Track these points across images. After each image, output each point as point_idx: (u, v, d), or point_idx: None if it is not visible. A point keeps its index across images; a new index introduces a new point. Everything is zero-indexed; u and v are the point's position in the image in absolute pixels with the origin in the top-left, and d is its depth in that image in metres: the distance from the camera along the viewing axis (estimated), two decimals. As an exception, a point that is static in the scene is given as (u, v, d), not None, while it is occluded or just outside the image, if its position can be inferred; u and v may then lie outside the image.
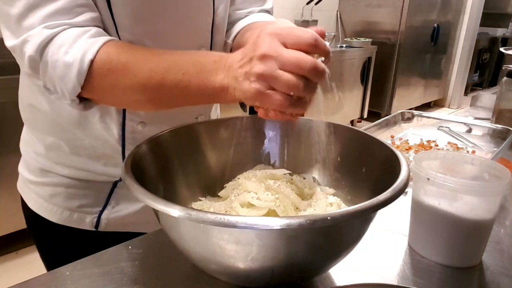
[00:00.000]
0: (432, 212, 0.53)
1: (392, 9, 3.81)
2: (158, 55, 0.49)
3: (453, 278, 0.52)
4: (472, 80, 5.24)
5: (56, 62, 0.47)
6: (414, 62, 4.12)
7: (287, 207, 0.48)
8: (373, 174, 0.53)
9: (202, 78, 0.45)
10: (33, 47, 0.47)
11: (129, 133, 0.63)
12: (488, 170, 0.55)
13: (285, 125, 0.63)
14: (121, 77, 0.48)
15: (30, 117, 0.69)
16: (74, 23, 0.48)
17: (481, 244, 0.55)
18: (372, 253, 0.57)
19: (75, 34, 0.48)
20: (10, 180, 1.76)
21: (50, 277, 0.49)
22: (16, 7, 0.47)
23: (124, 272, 0.51)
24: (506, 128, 1.01)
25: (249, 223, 0.33)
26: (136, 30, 0.56)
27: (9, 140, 1.72)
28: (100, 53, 0.47)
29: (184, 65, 0.46)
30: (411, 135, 1.13)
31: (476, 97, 1.53)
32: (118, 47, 0.49)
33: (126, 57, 0.48)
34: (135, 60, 0.48)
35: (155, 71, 0.47)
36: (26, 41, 0.47)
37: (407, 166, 0.45)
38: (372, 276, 0.52)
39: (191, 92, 0.46)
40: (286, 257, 0.38)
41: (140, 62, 0.48)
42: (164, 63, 0.47)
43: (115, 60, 0.47)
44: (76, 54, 0.47)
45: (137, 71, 0.47)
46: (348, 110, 3.59)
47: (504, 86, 1.08)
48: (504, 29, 5.59)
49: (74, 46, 0.47)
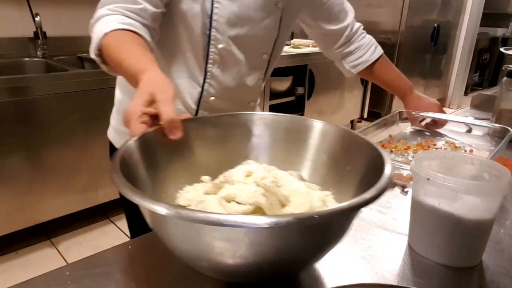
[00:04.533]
0: (432, 212, 0.53)
1: (392, 9, 3.81)
2: (125, 49, 0.68)
3: (453, 278, 0.52)
4: (472, 80, 5.24)
5: (96, 29, 0.70)
6: (414, 62, 4.12)
7: (274, 204, 0.48)
8: (358, 172, 0.53)
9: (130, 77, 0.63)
10: (94, 17, 0.72)
11: (203, 102, 0.90)
12: (488, 170, 0.55)
13: (272, 123, 0.64)
14: (111, 54, 0.68)
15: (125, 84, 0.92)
16: (126, 11, 0.71)
17: (481, 244, 0.55)
18: (372, 253, 0.57)
19: (114, 18, 0.70)
20: (10, 180, 1.77)
21: (50, 277, 0.49)
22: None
23: (124, 272, 0.51)
24: (504, 128, 1.01)
25: (238, 221, 0.33)
26: (227, 32, 0.82)
27: (9, 140, 1.72)
28: (113, 32, 0.68)
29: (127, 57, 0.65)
30: (409, 134, 1.13)
31: (476, 97, 1.53)
32: (127, 34, 0.69)
33: (122, 42, 0.68)
34: (124, 47, 0.68)
35: (117, 54, 0.67)
36: (96, 14, 0.72)
37: (390, 164, 0.46)
38: (372, 276, 0.52)
39: None
40: (274, 253, 0.39)
41: (125, 51, 0.67)
42: (122, 54, 0.67)
43: (114, 40, 0.68)
44: (102, 26, 0.69)
45: (119, 55, 0.66)
46: (348, 110, 3.59)
47: (504, 86, 1.08)
48: (504, 29, 5.59)
49: (104, 21, 0.70)
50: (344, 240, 0.59)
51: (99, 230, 2.10)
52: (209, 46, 0.83)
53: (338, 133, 0.59)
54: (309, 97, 3.09)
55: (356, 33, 1.09)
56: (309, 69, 2.99)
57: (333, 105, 3.38)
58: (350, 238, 0.60)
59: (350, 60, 1.11)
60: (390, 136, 1.06)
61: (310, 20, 1.03)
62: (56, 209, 1.95)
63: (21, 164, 1.78)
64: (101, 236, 2.05)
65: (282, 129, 0.63)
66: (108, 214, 2.21)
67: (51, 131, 1.83)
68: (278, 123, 0.64)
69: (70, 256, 1.90)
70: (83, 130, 1.92)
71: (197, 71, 0.87)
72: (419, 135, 1.13)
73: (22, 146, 1.76)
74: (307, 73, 3.00)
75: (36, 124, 1.78)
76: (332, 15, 1.02)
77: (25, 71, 2.12)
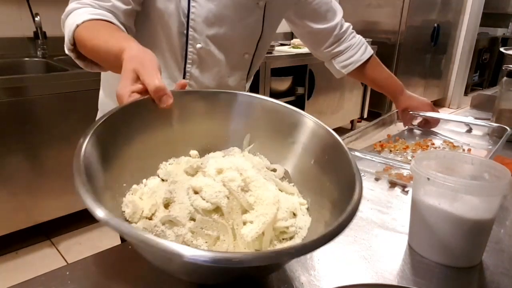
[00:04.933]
0: (432, 212, 0.53)
1: (392, 9, 3.81)
2: (100, 36, 0.67)
3: (453, 278, 0.52)
4: (472, 80, 5.24)
5: (67, 25, 0.71)
6: (414, 62, 4.12)
7: (234, 209, 0.47)
8: (335, 188, 0.50)
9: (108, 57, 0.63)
10: (64, 13, 0.72)
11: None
12: (488, 170, 0.55)
13: (271, 110, 0.62)
14: (85, 44, 0.68)
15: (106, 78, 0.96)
16: (96, 4, 0.70)
17: (481, 244, 0.55)
18: (372, 253, 0.57)
19: (84, 10, 0.70)
20: (10, 180, 1.77)
21: (50, 277, 0.49)
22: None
23: (124, 272, 0.51)
24: (501, 127, 1.01)
25: (163, 247, 0.31)
26: (205, 32, 0.81)
27: (9, 140, 1.72)
28: (85, 23, 0.68)
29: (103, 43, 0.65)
30: (407, 133, 1.13)
31: (476, 97, 1.53)
32: (90, 23, 0.69)
33: (95, 30, 0.68)
34: (98, 35, 0.67)
35: (92, 43, 0.67)
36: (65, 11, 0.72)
37: (359, 192, 0.43)
38: (372, 276, 0.52)
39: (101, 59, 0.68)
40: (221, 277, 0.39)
41: (99, 38, 0.66)
42: (98, 41, 0.66)
43: (84, 30, 0.68)
44: (73, 19, 0.69)
45: (95, 42, 0.66)
46: (348, 110, 3.59)
47: (504, 86, 1.08)
48: (504, 29, 5.59)
49: (74, 14, 0.70)
50: (344, 240, 0.60)
51: (99, 230, 2.10)
52: (187, 46, 0.82)
53: (329, 140, 0.56)
54: (309, 97, 3.09)
55: (346, 33, 1.07)
56: (309, 69, 3.00)
57: (333, 105, 3.38)
58: (350, 238, 0.60)
59: (340, 60, 1.10)
60: (388, 136, 1.06)
61: (296, 19, 1.01)
62: (56, 209, 1.95)
63: (21, 164, 1.78)
64: (101, 236, 2.05)
65: (278, 119, 0.61)
66: (108, 214, 2.21)
67: (51, 131, 1.83)
68: (276, 112, 0.61)
69: (70, 256, 1.90)
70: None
71: (176, 71, 0.85)
72: (417, 134, 1.13)
73: (22, 146, 1.76)
74: (307, 73, 3.00)
75: (36, 124, 1.78)
76: (319, 14, 1.01)
77: (25, 71, 2.12)
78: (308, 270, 0.52)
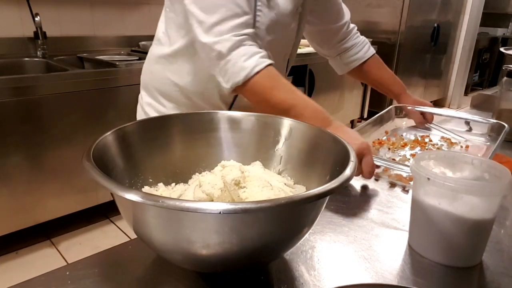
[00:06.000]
0: (432, 212, 0.53)
1: (392, 9, 3.81)
2: (292, 91, 0.79)
3: (453, 278, 0.52)
4: (472, 80, 5.24)
5: (236, 63, 0.75)
6: (414, 62, 4.12)
7: (224, 201, 0.49)
8: (324, 168, 0.54)
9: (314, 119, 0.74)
10: (224, 47, 0.75)
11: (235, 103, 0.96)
12: (488, 170, 0.55)
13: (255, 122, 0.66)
14: (265, 90, 0.77)
15: (166, 89, 0.96)
16: (248, 35, 0.78)
17: (481, 244, 0.55)
18: (372, 253, 0.57)
19: (253, 51, 0.76)
20: (10, 180, 1.77)
21: (50, 277, 0.49)
22: (214, 18, 0.75)
23: (124, 272, 0.51)
24: (499, 123, 1.00)
25: (186, 206, 0.36)
26: (266, 39, 0.88)
27: (9, 140, 1.72)
28: (263, 70, 0.76)
29: (302, 109, 0.77)
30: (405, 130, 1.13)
31: (476, 97, 1.53)
32: (274, 72, 0.78)
33: (275, 80, 0.78)
34: (278, 86, 0.78)
35: (284, 101, 0.77)
36: (218, 42, 0.75)
37: (355, 159, 0.48)
38: (372, 276, 0.52)
39: None
40: (235, 244, 0.40)
41: (280, 90, 0.78)
42: (293, 100, 0.77)
43: (269, 79, 0.77)
44: (251, 63, 0.75)
45: (276, 94, 0.77)
46: (348, 110, 3.59)
47: (504, 86, 1.08)
48: (504, 29, 5.59)
49: (251, 59, 0.76)
50: (344, 240, 0.60)
51: (99, 230, 2.10)
52: None
53: (311, 132, 0.60)
54: (309, 97, 3.08)
55: (352, 32, 1.15)
56: (309, 69, 3.00)
57: (333, 105, 3.38)
58: (350, 238, 0.60)
59: (346, 56, 1.17)
60: (386, 132, 1.06)
61: (311, 18, 1.07)
62: (56, 209, 1.95)
63: (21, 164, 1.78)
64: (101, 236, 2.05)
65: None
66: (108, 214, 2.21)
67: (51, 131, 1.83)
68: (257, 122, 0.64)
69: (70, 256, 1.90)
70: (83, 130, 1.92)
71: None
72: (414, 130, 1.13)
73: (22, 146, 1.76)
74: (307, 73, 3.00)
75: (36, 124, 1.78)
76: (332, 14, 1.09)
77: (25, 71, 2.12)
78: (308, 270, 0.52)
